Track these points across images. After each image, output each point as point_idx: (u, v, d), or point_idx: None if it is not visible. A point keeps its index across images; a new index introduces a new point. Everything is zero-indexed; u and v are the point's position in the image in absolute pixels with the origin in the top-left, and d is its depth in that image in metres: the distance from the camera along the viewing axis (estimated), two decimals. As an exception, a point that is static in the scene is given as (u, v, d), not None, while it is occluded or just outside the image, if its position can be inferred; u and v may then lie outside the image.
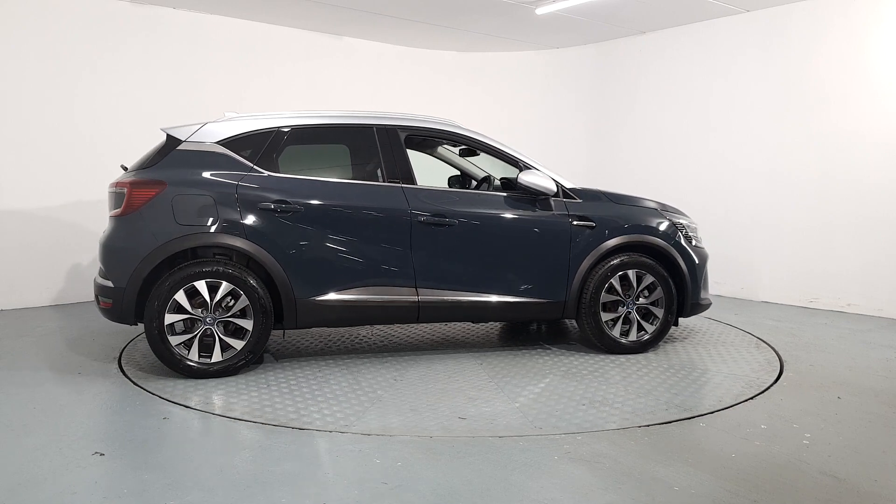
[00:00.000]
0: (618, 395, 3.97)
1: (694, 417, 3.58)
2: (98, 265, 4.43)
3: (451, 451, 3.11)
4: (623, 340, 4.84)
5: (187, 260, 4.22)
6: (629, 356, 4.81)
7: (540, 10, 7.02)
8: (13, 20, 6.21)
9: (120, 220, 4.23)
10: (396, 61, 8.76)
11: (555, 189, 4.72)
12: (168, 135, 4.41)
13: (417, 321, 4.60)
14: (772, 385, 4.17)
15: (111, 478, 2.81)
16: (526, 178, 4.64)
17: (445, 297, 4.55)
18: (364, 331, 5.49)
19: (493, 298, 4.64)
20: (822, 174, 6.64)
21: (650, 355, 4.84)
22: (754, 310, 6.65)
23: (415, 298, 4.48)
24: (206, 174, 4.25)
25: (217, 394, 3.91)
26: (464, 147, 5.25)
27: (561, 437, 3.29)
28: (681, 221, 5.14)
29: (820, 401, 3.88)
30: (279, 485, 2.74)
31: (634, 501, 2.63)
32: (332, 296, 4.35)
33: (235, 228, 4.18)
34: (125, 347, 4.92)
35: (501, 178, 5.17)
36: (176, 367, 4.13)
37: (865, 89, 6.34)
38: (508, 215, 4.69)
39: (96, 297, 4.32)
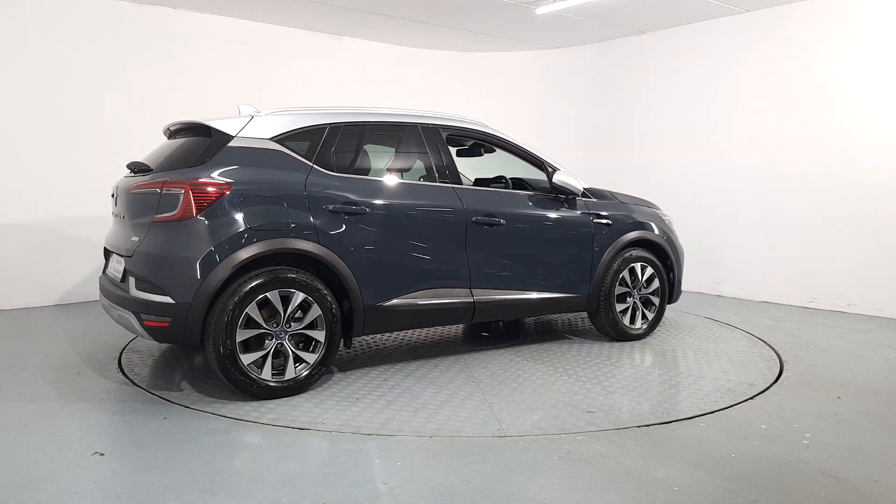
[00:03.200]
0: (701, 380, 4.28)
1: (694, 417, 3.58)
2: (97, 270, 4.27)
3: (451, 451, 3.11)
4: (632, 329, 5.24)
5: (252, 269, 3.72)
6: (633, 344, 5.22)
7: (540, 10, 7.02)
8: (13, 20, 6.21)
9: (174, 226, 3.66)
10: (396, 61, 8.77)
11: (581, 189, 4.98)
12: (213, 129, 3.94)
13: (471, 321, 4.62)
14: (772, 385, 4.17)
15: (111, 478, 2.81)
16: (561, 178, 4.84)
17: (496, 297, 4.61)
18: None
19: (535, 295, 4.79)
20: (822, 174, 6.64)
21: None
22: (754, 310, 6.65)
23: (470, 299, 4.48)
24: (269, 173, 3.87)
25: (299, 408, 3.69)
26: (463, 147, 5.29)
27: (561, 437, 3.29)
28: (667, 217, 5.63)
29: (820, 401, 3.88)
30: (279, 485, 2.74)
31: (634, 501, 2.63)
32: (397, 300, 4.17)
33: (308, 232, 3.84)
34: (125, 347, 4.92)
35: (512, 178, 5.21)
36: (248, 390, 3.69)
37: (865, 89, 6.34)
38: (546, 214, 4.86)
39: (136, 315, 3.68)
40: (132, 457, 3.04)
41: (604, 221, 5.06)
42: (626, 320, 5.20)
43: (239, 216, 3.69)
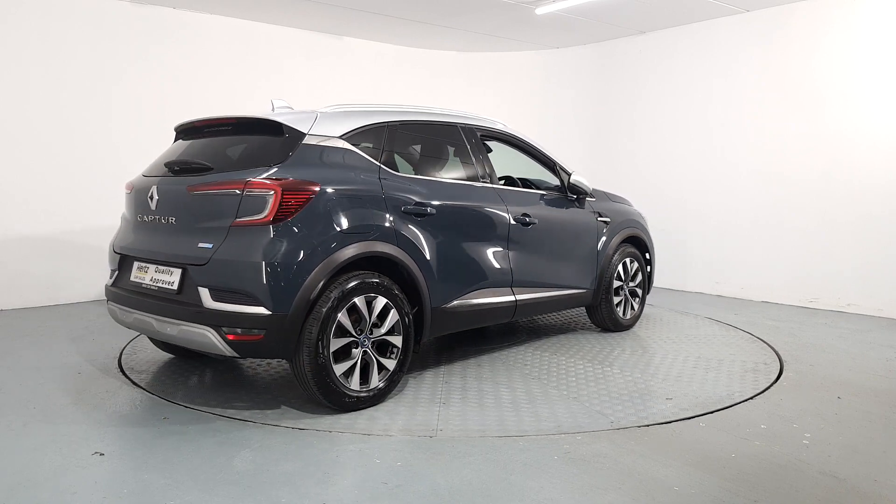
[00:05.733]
0: (722, 362, 4.55)
1: (694, 417, 3.58)
2: (105, 272, 3.89)
3: (451, 451, 3.11)
4: (624, 319, 5.59)
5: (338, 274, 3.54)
6: (631, 337, 5.41)
7: (540, 10, 7.02)
8: (12, 20, 6.21)
9: (262, 230, 3.36)
10: (396, 61, 8.77)
11: (591, 190, 5.25)
12: (284, 125, 3.69)
13: (511, 319, 4.69)
14: (772, 385, 4.17)
15: (111, 478, 2.81)
16: (577, 179, 5.08)
17: (533, 294, 4.72)
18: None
19: (560, 292, 4.99)
20: (822, 174, 6.65)
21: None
22: (754, 310, 6.65)
23: (512, 298, 4.54)
24: (348, 173, 3.70)
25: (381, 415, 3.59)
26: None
27: (561, 437, 3.29)
28: (642, 213, 5.95)
29: (820, 401, 3.88)
30: (279, 485, 2.74)
31: (634, 501, 2.63)
32: (456, 301, 4.15)
33: (388, 235, 3.72)
34: (125, 347, 4.92)
35: (519, 178, 5.26)
36: (341, 403, 3.52)
37: (865, 89, 6.34)
38: (566, 214, 5.07)
39: (216, 329, 3.32)
40: (132, 457, 3.04)
41: (604, 219, 5.35)
42: (620, 312, 5.53)
43: (329, 218, 3.50)
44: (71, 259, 6.61)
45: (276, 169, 3.48)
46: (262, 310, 3.28)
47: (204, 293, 3.38)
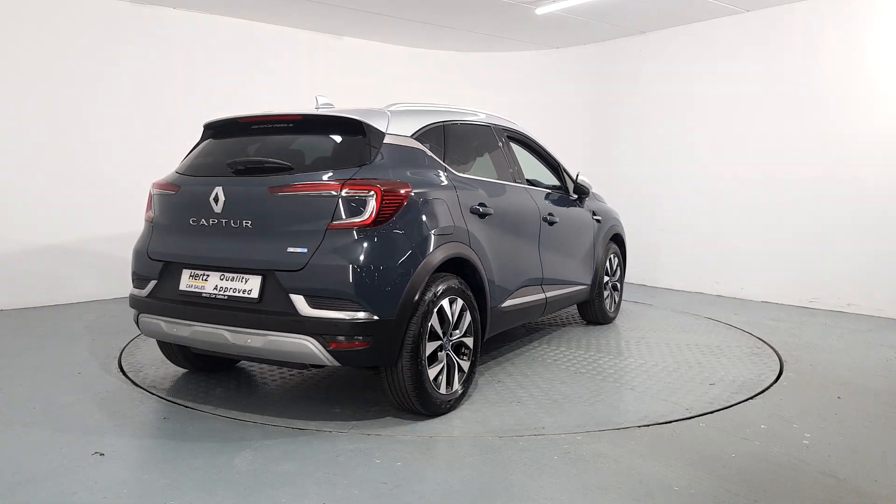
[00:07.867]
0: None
1: (694, 417, 3.58)
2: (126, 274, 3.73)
3: (451, 451, 3.11)
4: (610, 313, 5.88)
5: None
6: (622, 331, 5.60)
7: (540, 10, 7.02)
8: (13, 20, 6.21)
9: (362, 233, 3.21)
10: (396, 61, 8.77)
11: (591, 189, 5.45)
12: (365, 124, 3.53)
13: (540, 317, 4.82)
14: (772, 385, 4.17)
15: (111, 478, 2.81)
16: (583, 178, 5.28)
17: (557, 292, 4.86)
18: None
19: (573, 288, 5.18)
20: (822, 174, 6.64)
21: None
22: (754, 310, 6.65)
23: (543, 296, 4.63)
24: (426, 174, 3.65)
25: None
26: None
27: (561, 437, 3.29)
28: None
29: (820, 401, 3.88)
30: (279, 485, 2.74)
31: (634, 501, 2.63)
32: (508, 301, 4.16)
33: (463, 236, 3.68)
34: (125, 347, 4.92)
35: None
36: (435, 408, 3.47)
37: (865, 89, 6.34)
38: (575, 212, 5.25)
39: (319, 338, 3.14)
40: (132, 457, 3.04)
41: (597, 218, 5.59)
42: (607, 305, 5.80)
43: (421, 220, 3.43)
44: (71, 259, 6.60)
45: (363, 169, 3.34)
46: (368, 315, 3.15)
47: (298, 300, 3.17)
